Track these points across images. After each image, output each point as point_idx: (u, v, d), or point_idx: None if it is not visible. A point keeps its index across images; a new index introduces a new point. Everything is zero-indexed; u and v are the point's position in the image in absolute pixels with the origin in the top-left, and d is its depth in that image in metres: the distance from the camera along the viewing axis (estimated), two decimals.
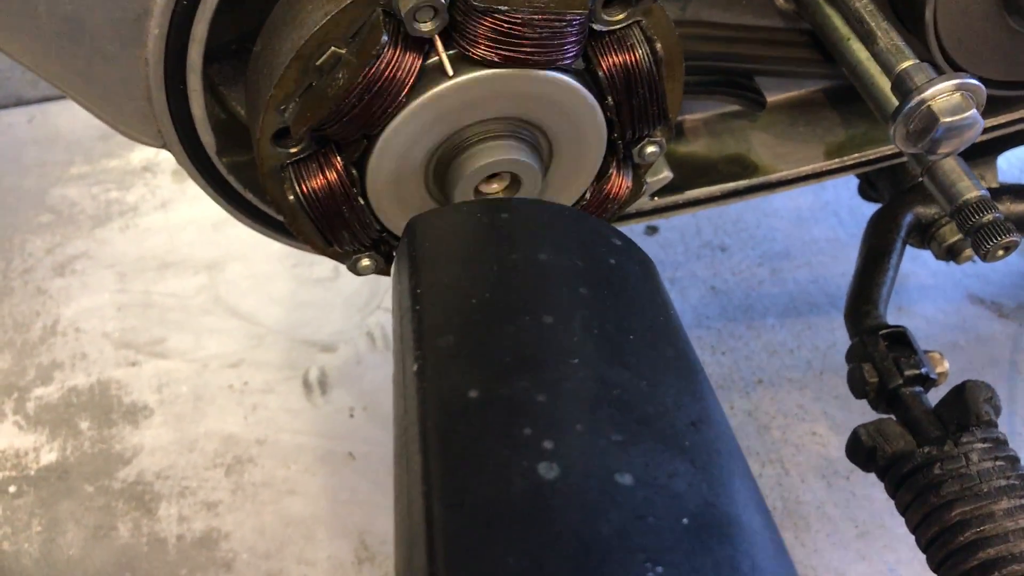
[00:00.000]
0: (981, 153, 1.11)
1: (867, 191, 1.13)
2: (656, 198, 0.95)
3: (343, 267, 1.36)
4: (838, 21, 0.82)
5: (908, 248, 1.58)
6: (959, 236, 0.93)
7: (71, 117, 1.85)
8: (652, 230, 1.67)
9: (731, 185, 0.96)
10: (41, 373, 1.49)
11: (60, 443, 1.41)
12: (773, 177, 0.98)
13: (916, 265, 1.63)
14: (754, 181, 0.97)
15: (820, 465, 1.39)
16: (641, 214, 0.97)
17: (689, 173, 0.98)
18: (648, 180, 0.89)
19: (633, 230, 1.66)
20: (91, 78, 0.70)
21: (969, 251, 0.94)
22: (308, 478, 1.37)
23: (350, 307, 1.57)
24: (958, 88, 0.69)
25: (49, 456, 1.40)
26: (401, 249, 0.57)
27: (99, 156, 1.78)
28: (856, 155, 0.98)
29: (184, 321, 1.55)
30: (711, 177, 0.97)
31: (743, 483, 0.49)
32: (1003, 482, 0.77)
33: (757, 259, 1.64)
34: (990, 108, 0.99)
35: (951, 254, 0.95)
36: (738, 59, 0.93)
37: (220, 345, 1.52)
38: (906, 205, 1.01)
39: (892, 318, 1.55)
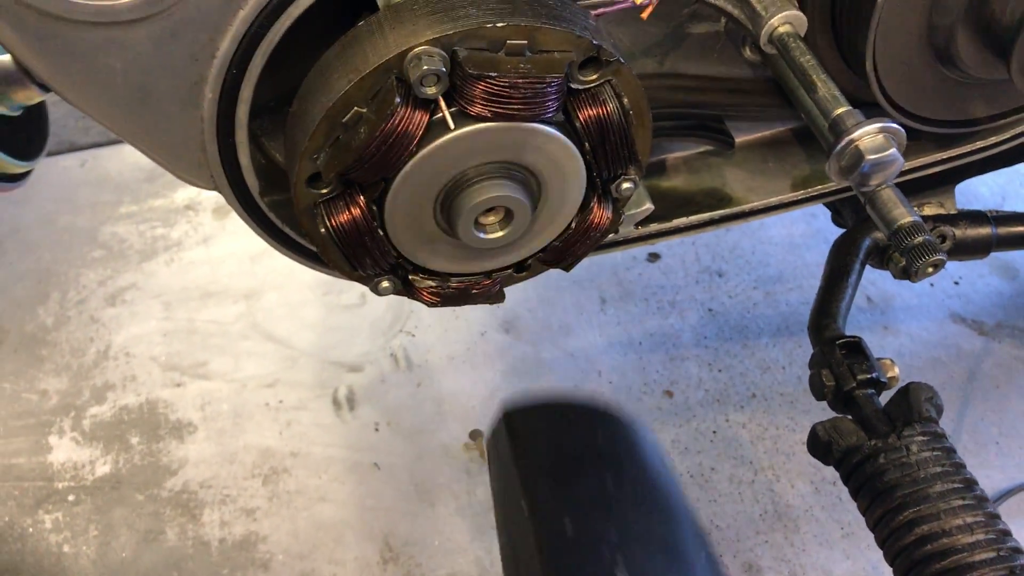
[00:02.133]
0: (939, 183, 1.23)
1: (836, 219, 1.26)
2: (640, 227, 1.07)
3: (369, 294, 1.52)
4: (790, 73, 0.95)
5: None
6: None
7: (120, 161, 2.00)
8: (654, 257, 1.80)
9: (707, 215, 1.09)
10: (95, 394, 1.63)
11: (113, 456, 1.55)
12: (745, 207, 1.10)
13: (901, 287, 1.74)
14: (728, 211, 1.09)
15: (808, 472, 1.50)
16: (628, 241, 1.09)
17: (671, 204, 1.10)
18: (632, 211, 1.02)
19: (636, 258, 1.80)
20: (156, 134, 0.84)
21: (932, 269, 1.05)
22: (337, 486, 1.50)
23: (375, 331, 1.70)
24: (881, 131, 0.82)
25: (103, 468, 1.54)
26: (500, 428, 0.83)
27: (146, 196, 1.94)
28: (819, 187, 1.11)
29: (224, 345, 1.69)
30: (690, 208, 1.10)
31: None
32: (938, 469, 0.89)
33: (752, 283, 1.76)
34: (937, 144, 1.12)
35: (906, 273, 1.06)
36: (709, 106, 1.06)
37: (257, 367, 1.65)
38: (865, 231, 1.13)
39: (879, 337, 1.67)
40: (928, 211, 1.23)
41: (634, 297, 1.74)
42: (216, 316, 1.73)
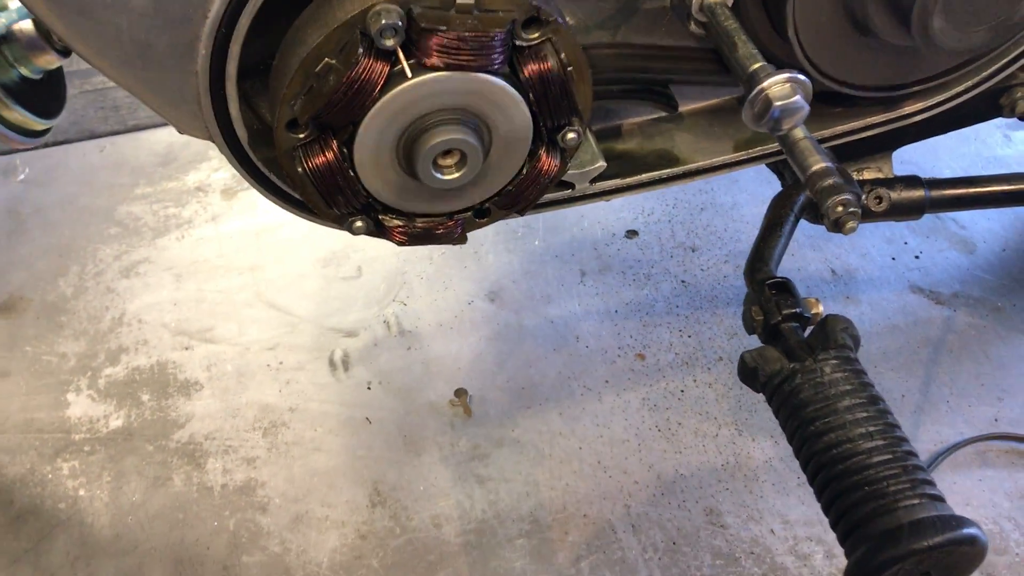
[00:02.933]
0: (877, 149, 1.34)
1: (782, 181, 1.37)
2: (595, 183, 1.19)
3: (365, 267, 1.66)
4: (722, 40, 1.06)
5: (856, 246, 1.82)
6: (844, 215, 1.14)
7: (136, 147, 2.14)
8: (632, 234, 1.92)
9: (656, 174, 1.20)
10: (110, 356, 1.76)
11: (126, 412, 1.67)
12: (691, 167, 1.22)
13: (865, 261, 1.85)
14: (676, 170, 1.21)
15: (768, 428, 1.60)
16: (585, 197, 1.21)
17: (624, 165, 1.22)
18: (587, 168, 1.14)
19: (615, 235, 1.91)
20: (158, 87, 0.96)
21: (853, 223, 1.15)
22: (331, 438, 1.62)
23: (370, 300, 1.82)
24: (788, 80, 0.93)
25: (116, 422, 1.66)
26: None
27: (159, 179, 2.08)
28: (759, 149, 1.22)
29: (230, 313, 1.81)
30: (641, 168, 1.22)
31: None
32: (847, 387, 1.00)
33: (723, 257, 1.87)
34: (866, 109, 1.23)
35: (837, 227, 1.17)
36: (657, 71, 1.18)
37: (260, 332, 1.78)
38: (799, 188, 1.24)
39: (840, 305, 1.78)
40: (867, 175, 1.34)
41: (612, 270, 1.85)
42: (222, 287, 1.86)
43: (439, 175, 0.96)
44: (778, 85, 0.93)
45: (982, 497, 1.50)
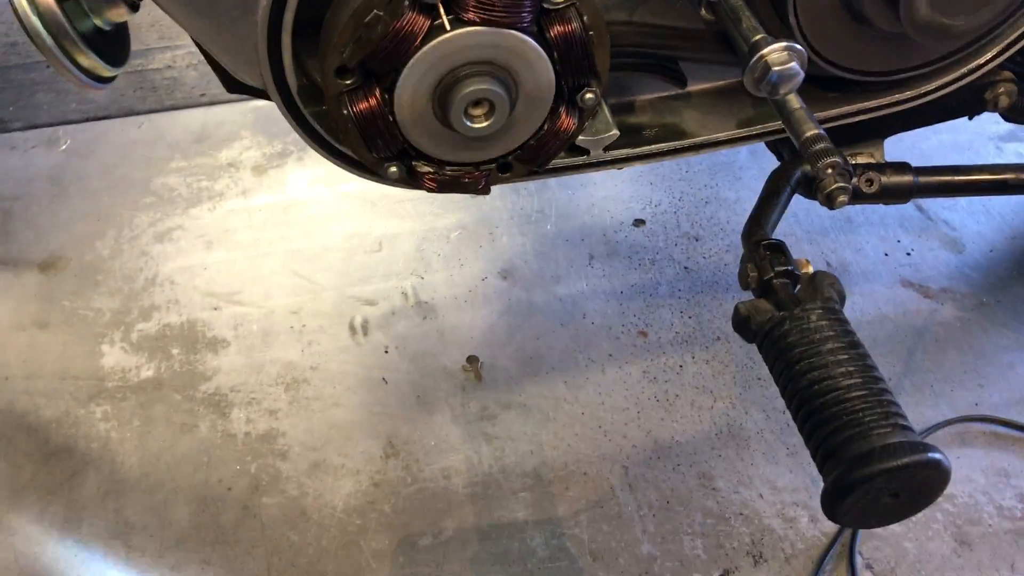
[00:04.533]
0: (869, 136, 1.45)
1: (779, 158, 1.47)
2: (608, 151, 1.30)
3: (386, 242, 1.77)
4: (729, 22, 1.17)
5: (851, 242, 1.92)
6: (834, 186, 1.25)
7: (172, 125, 2.26)
8: (640, 222, 2.02)
9: (664, 145, 1.31)
10: (143, 313, 1.86)
11: (156, 364, 1.78)
12: (697, 140, 1.32)
13: (859, 256, 1.95)
14: (683, 143, 1.32)
15: (762, 402, 1.70)
16: (600, 163, 1.31)
17: (636, 137, 1.33)
18: (601, 136, 1.25)
19: (623, 223, 2.01)
20: (221, 34, 1.07)
21: (844, 197, 1.25)
22: (349, 395, 1.72)
23: (389, 273, 1.93)
24: (785, 49, 1.04)
25: (147, 372, 1.76)
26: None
27: (194, 155, 2.19)
28: (760, 127, 1.33)
29: (257, 278, 1.92)
30: (651, 140, 1.32)
31: None
32: (830, 333, 1.09)
33: (725, 247, 1.97)
34: (860, 95, 1.34)
35: (829, 200, 1.27)
36: (668, 48, 1.29)
37: (285, 297, 1.88)
38: (796, 163, 1.35)
39: None
40: (860, 159, 1.44)
41: (619, 255, 1.96)
42: (250, 255, 1.96)
43: (469, 123, 1.07)
44: (776, 52, 1.04)
45: (959, 473, 1.59)
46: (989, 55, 1.31)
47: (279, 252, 1.97)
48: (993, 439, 1.64)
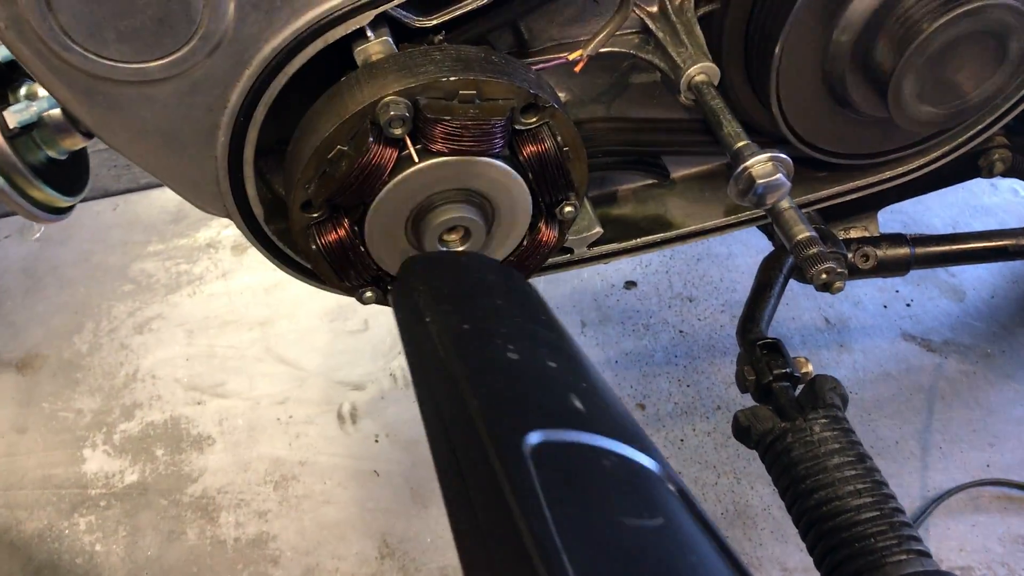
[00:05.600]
0: (862, 209, 1.40)
1: (772, 241, 1.42)
2: (592, 248, 1.25)
3: (372, 321, 1.72)
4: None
5: (848, 295, 1.87)
6: (830, 280, 1.19)
7: (148, 205, 2.21)
8: (631, 285, 1.97)
9: (650, 238, 1.26)
10: (125, 412, 1.81)
11: (140, 467, 1.72)
12: (683, 231, 1.27)
13: (858, 309, 1.90)
14: (668, 235, 1.27)
15: (766, 476, 1.63)
16: (583, 260, 1.27)
17: (620, 229, 1.28)
18: (584, 234, 1.20)
19: (614, 286, 1.96)
20: (180, 171, 1.02)
21: (840, 284, 1.21)
22: (340, 491, 1.67)
23: (377, 354, 1.88)
24: (770, 159, 0.99)
25: (132, 477, 1.71)
26: (402, 270, 0.87)
27: (171, 236, 2.14)
28: (747, 213, 1.28)
29: (241, 368, 1.86)
30: (636, 232, 1.27)
31: (602, 383, 0.78)
32: (836, 445, 1.05)
33: (720, 307, 1.92)
34: (849, 174, 1.29)
35: (825, 289, 1.22)
36: (650, 144, 1.24)
37: (270, 386, 1.83)
38: (787, 250, 1.30)
39: (834, 354, 1.83)
40: (854, 234, 1.40)
41: (612, 321, 1.91)
42: (233, 342, 1.91)
43: (445, 249, 1.02)
44: (760, 164, 0.99)
45: (975, 543, 1.54)
46: (982, 126, 1.26)
47: (262, 337, 1.92)
48: (1008, 503, 1.59)
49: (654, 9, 1.13)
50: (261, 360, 1.88)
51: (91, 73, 0.91)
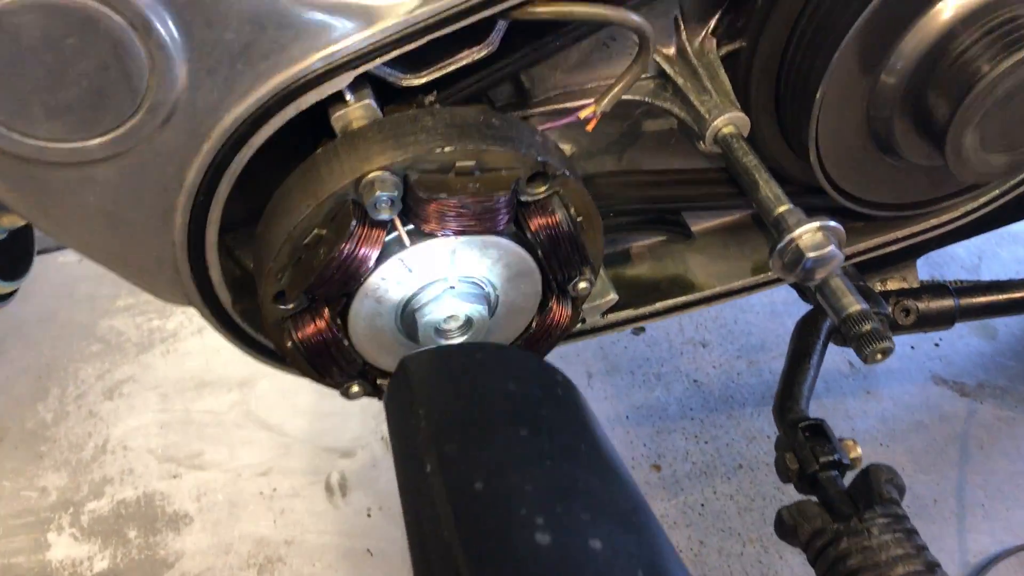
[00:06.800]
0: (901, 259, 1.26)
1: (803, 296, 1.29)
2: (606, 316, 1.11)
3: None
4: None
5: None
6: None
7: None
8: (639, 330, 1.83)
9: (671, 302, 1.12)
10: (94, 488, 1.65)
11: (111, 552, 1.57)
12: (708, 293, 1.14)
13: None
14: (691, 298, 1.13)
15: None
16: (596, 330, 1.13)
17: (636, 293, 1.14)
18: (598, 302, 1.06)
19: (621, 333, 1.82)
20: (131, 259, 0.88)
21: (878, 356, 1.07)
22: (331, 574, 1.52)
23: (366, 415, 1.73)
24: (820, 229, 0.85)
25: (102, 564, 1.56)
26: (397, 381, 0.72)
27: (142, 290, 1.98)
28: None
29: (220, 435, 1.71)
30: (654, 295, 1.14)
31: (670, 549, 0.64)
32: (899, 551, 0.91)
33: (735, 352, 1.78)
34: (891, 225, 1.16)
35: (871, 361, 1.09)
36: (667, 199, 1.10)
37: (252, 455, 1.68)
38: (826, 312, 1.16)
39: (861, 402, 1.69)
40: (892, 285, 1.26)
41: (620, 371, 1.77)
42: (211, 406, 1.76)
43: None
44: (810, 234, 0.85)
45: None
46: None
47: (242, 399, 1.77)
48: None
49: (671, 52, 0.99)
50: (241, 426, 1.73)
51: (18, 155, 0.77)
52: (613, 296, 1.07)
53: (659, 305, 1.13)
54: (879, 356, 0.90)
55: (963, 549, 1.48)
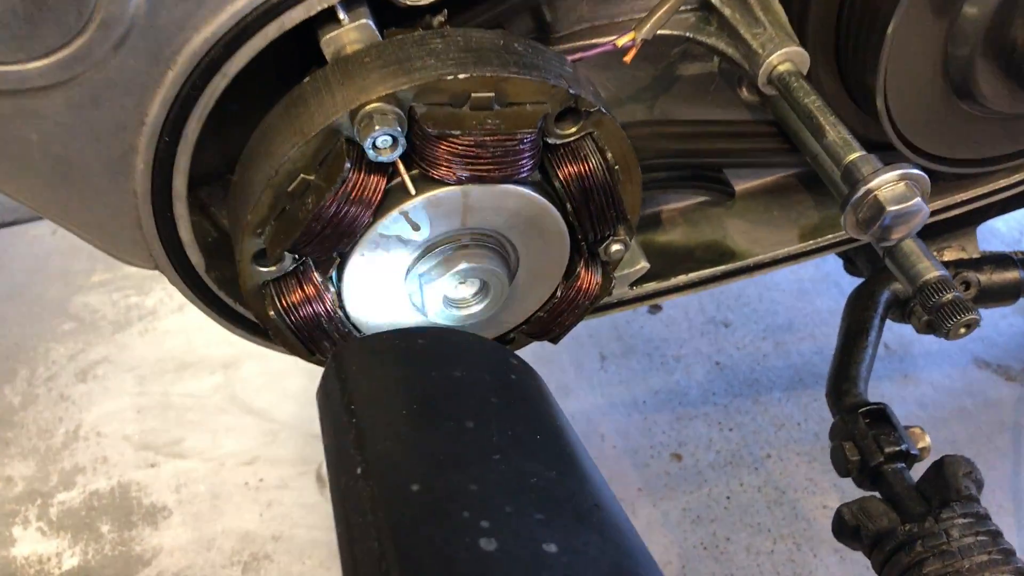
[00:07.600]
0: (960, 225, 1.13)
1: (849, 268, 1.16)
2: (635, 287, 0.98)
3: None
4: (793, 115, 0.85)
5: None
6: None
7: None
8: (656, 308, 1.70)
9: (707, 272, 0.99)
10: (64, 478, 1.52)
11: (82, 547, 1.44)
12: (749, 261, 1.00)
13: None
14: (730, 267, 1.00)
15: (831, 539, 1.37)
16: (623, 303, 1.00)
17: (668, 261, 1.01)
18: (626, 271, 0.93)
19: (637, 310, 1.69)
20: (84, 211, 0.75)
21: (962, 330, 0.94)
22: (323, 573, 1.39)
23: None
24: (902, 178, 0.72)
25: (71, 561, 1.43)
26: (329, 373, 0.62)
27: (119, 263, 1.84)
28: (830, 236, 1.01)
29: (201, 421, 1.59)
30: (688, 264, 1.00)
31: (640, 548, 0.56)
32: (984, 557, 0.78)
33: (761, 333, 1.66)
34: (958, 185, 1.03)
35: (931, 328, 0.96)
36: (705, 153, 0.97)
37: (236, 443, 1.55)
38: (883, 282, 1.03)
39: (899, 387, 1.56)
40: (949, 255, 1.13)
41: (636, 352, 1.64)
42: (192, 389, 1.63)
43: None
44: (890, 185, 0.72)
45: None
46: None
47: (226, 382, 1.64)
48: None
49: None
50: (225, 411, 1.60)
51: None
52: (644, 264, 0.93)
53: (693, 275, 0.99)
54: (962, 330, 0.78)
55: (1021, 546, 1.36)
